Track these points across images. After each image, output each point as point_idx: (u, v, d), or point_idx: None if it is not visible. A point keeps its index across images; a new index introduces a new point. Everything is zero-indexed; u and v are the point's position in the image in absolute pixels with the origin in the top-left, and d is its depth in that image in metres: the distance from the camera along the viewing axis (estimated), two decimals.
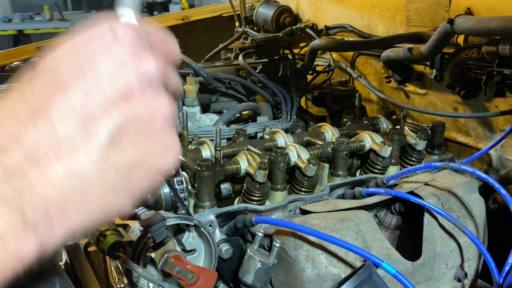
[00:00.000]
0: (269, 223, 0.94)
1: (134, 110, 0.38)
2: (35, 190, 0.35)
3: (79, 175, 0.36)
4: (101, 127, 0.36)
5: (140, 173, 0.39)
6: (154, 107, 0.39)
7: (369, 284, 0.81)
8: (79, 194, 0.36)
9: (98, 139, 0.36)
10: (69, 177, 0.36)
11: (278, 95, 1.57)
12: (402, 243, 1.13)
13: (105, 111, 0.37)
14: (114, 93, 0.37)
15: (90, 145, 0.36)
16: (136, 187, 0.40)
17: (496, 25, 1.16)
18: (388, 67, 1.77)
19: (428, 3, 1.64)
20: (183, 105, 1.42)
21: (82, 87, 0.36)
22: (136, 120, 0.38)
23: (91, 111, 0.36)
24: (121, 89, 0.37)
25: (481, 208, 1.13)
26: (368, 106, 2.03)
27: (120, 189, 0.39)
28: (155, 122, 0.39)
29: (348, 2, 2.06)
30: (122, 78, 0.37)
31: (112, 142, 0.37)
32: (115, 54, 0.38)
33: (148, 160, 0.39)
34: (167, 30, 0.47)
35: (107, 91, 0.37)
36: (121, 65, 0.38)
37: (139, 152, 0.38)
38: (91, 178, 0.37)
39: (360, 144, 1.23)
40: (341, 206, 1.02)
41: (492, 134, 1.50)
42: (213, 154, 1.16)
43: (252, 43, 1.72)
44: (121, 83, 0.37)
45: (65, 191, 0.36)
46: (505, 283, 0.92)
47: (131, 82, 0.38)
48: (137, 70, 0.38)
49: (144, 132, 0.39)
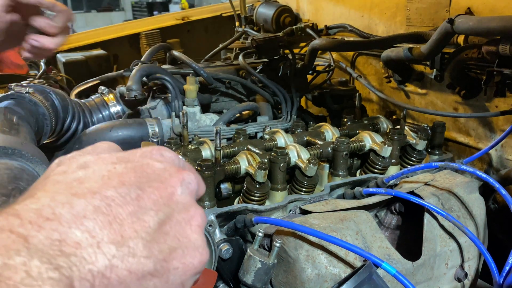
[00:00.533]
0: (269, 223, 0.94)
1: (177, 207, 0.44)
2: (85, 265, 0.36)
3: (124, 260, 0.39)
4: (150, 217, 0.41)
5: (175, 262, 0.43)
6: (194, 211, 0.46)
7: (369, 284, 0.81)
8: (126, 271, 0.38)
9: (149, 224, 0.41)
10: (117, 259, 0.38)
11: (278, 95, 1.57)
12: (402, 243, 1.13)
13: (156, 205, 0.42)
14: (163, 194, 0.43)
15: (142, 228, 0.40)
16: (170, 277, 0.42)
17: (496, 25, 1.16)
18: (388, 67, 1.77)
19: (428, 3, 1.64)
20: (183, 105, 1.42)
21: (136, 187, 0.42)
22: (177, 216, 0.44)
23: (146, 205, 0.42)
24: (168, 190, 0.44)
25: (481, 208, 1.13)
26: (368, 106, 2.03)
27: (158, 276, 0.41)
28: (192, 223, 0.45)
29: (348, 2, 2.06)
30: (168, 182, 0.44)
31: (159, 228, 0.42)
32: (163, 165, 0.46)
33: (183, 253, 0.43)
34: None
35: (157, 190, 0.43)
36: (168, 173, 0.45)
37: (177, 242, 0.43)
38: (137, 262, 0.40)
39: (360, 144, 1.23)
40: (341, 206, 1.02)
41: (492, 134, 1.50)
42: (213, 154, 1.16)
43: (252, 43, 1.72)
44: (168, 186, 0.44)
45: (114, 264, 0.37)
46: (505, 283, 0.92)
47: (175, 185, 0.45)
48: (180, 177, 0.46)
49: (182, 228, 0.44)
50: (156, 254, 0.40)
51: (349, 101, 1.80)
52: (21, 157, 0.85)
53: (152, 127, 1.33)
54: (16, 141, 0.88)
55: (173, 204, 0.44)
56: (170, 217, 0.43)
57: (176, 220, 0.43)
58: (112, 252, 0.37)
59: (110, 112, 1.50)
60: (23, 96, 1.18)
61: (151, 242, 0.40)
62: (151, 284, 0.40)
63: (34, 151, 0.90)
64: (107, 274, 0.36)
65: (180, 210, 0.44)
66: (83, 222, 0.37)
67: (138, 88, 1.39)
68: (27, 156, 0.85)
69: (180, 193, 0.45)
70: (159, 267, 0.41)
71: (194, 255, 0.44)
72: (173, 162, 0.48)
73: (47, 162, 0.93)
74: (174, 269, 0.42)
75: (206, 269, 0.85)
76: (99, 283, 0.36)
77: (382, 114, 1.59)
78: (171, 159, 0.48)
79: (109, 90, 1.54)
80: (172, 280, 0.42)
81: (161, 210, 0.42)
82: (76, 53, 2.30)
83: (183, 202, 0.45)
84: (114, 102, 1.51)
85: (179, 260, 0.43)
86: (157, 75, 1.46)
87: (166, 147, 1.18)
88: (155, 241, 0.41)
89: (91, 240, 0.36)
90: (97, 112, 1.47)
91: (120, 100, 1.52)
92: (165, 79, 1.45)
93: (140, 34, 2.46)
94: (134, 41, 2.51)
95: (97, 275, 0.36)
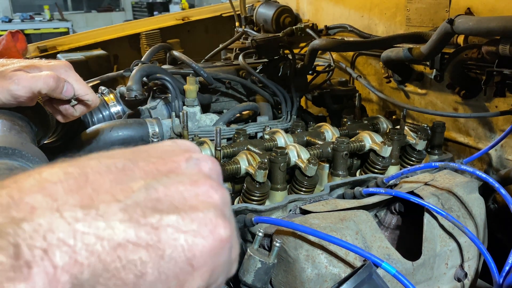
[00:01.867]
0: (269, 223, 0.94)
1: (178, 178, 0.37)
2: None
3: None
4: (136, 183, 0.36)
5: (171, 230, 0.34)
6: (204, 185, 0.38)
7: (369, 284, 0.81)
8: (94, 237, 0.32)
9: (132, 188, 0.35)
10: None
11: (278, 95, 1.57)
12: (402, 243, 1.13)
13: (148, 174, 0.37)
14: (160, 168, 0.38)
15: (122, 191, 0.34)
16: (167, 250, 0.34)
17: (496, 25, 1.16)
18: (388, 67, 1.77)
19: (428, 3, 1.64)
20: (183, 105, 1.42)
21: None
22: (179, 187, 0.37)
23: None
24: (169, 165, 0.38)
25: (481, 208, 1.13)
26: (368, 106, 2.03)
27: (145, 247, 0.34)
28: (201, 199, 0.37)
29: (348, 2, 2.06)
30: (171, 158, 0.39)
31: (147, 193, 0.35)
32: (171, 147, 0.41)
33: (184, 222, 0.35)
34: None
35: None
36: (174, 152, 0.40)
37: (175, 209, 0.35)
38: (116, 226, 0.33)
39: (360, 144, 1.23)
40: (341, 206, 1.02)
41: (492, 134, 1.50)
42: (213, 154, 1.16)
43: (252, 43, 1.72)
44: (169, 161, 0.39)
45: (77, 229, 0.31)
46: (505, 283, 0.92)
47: (179, 161, 0.39)
48: (186, 155, 0.40)
49: (184, 198, 0.36)
50: (138, 218, 0.33)
51: (349, 101, 1.80)
52: (21, 157, 0.85)
53: (152, 127, 1.33)
54: (16, 141, 0.88)
55: (174, 174, 0.37)
56: (167, 185, 0.36)
57: (176, 189, 0.36)
58: (76, 216, 0.31)
59: (110, 112, 1.50)
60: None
61: (132, 206, 0.33)
62: (135, 257, 0.32)
63: (34, 151, 0.90)
64: (69, 242, 0.30)
65: (184, 181, 0.36)
66: (46, 186, 0.32)
67: (138, 88, 1.39)
68: (27, 156, 0.85)
69: (185, 166, 0.38)
70: (144, 234, 0.32)
71: (203, 224, 0.35)
72: (186, 146, 0.42)
73: (48, 162, 0.93)
74: (171, 239, 0.33)
75: None
76: (59, 252, 0.30)
77: (382, 114, 1.59)
78: (184, 143, 0.42)
79: (109, 90, 1.54)
80: (170, 255, 0.33)
81: (154, 179, 0.36)
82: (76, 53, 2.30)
83: (188, 173, 0.38)
84: (114, 102, 1.51)
85: (178, 228, 0.34)
86: (157, 75, 1.46)
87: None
88: (138, 205, 0.34)
89: (51, 203, 0.31)
90: (97, 112, 1.48)
91: (120, 100, 1.52)
92: (165, 79, 1.45)
93: (140, 34, 2.46)
94: (134, 41, 2.51)
95: (55, 243, 0.30)
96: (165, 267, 0.33)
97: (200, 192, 0.37)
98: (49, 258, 0.30)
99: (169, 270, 0.33)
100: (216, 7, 2.82)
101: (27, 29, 10.21)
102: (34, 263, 0.29)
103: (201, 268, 0.35)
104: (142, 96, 1.40)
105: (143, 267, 0.32)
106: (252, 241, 0.95)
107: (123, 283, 0.32)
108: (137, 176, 0.35)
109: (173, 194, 0.36)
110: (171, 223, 0.34)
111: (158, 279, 0.33)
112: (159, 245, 0.33)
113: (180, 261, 0.34)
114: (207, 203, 0.36)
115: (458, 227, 1.00)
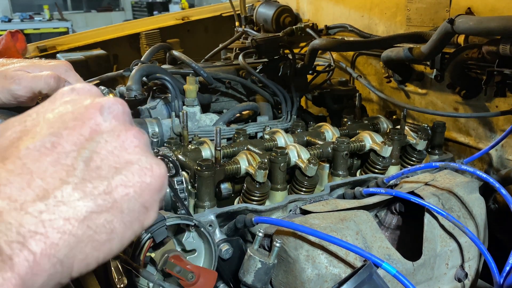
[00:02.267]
0: (269, 223, 0.94)
1: (102, 138, 0.42)
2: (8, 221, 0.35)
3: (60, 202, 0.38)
4: (72, 159, 0.40)
5: (121, 189, 0.41)
6: (124, 135, 0.43)
7: (370, 284, 0.81)
8: (61, 220, 0.37)
9: (73, 166, 0.39)
10: (49, 206, 0.37)
11: (278, 95, 1.56)
12: (402, 243, 1.13)
13: (76, 144, 0.40)
14: (82, 131, 0.41)
15: (67, 173, 0.39)
16: (124, 205, 0.41)
17: (496, 25, 1.16)
18: (388, 67, 1.77)
19: (428, 3, 1.64)
20: (183, 105, 1.42)
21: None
22: (107, 147, 0.42)
23: (63, 147, 0.40)
24: (87, 124, 0.41)
25: (481, 208, 1.13)
26: (368, 106, 2.03)
27: (106, 210, 0.40)
28: (127, 147, 0.43)
29: (348, 2, 2.06)
30: (84, 115, 0.42)
31: (87, 165, 0.40)
32: (76, 100, 0.44)
33: (126, 178, 0.41)
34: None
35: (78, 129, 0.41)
36: (83, 107, 0.43)
37: (115, 170, 0.41)
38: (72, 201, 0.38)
39: (360, 144, 1.23)
40: (341, 206, 1.02)
41: (493, 134, 1.50)
42: (213, 154, 1.16)
43: (252, 43, 1.72)
44: (86, 119, 0.42)
45: (44, 219, 0.36)
46: (505, 283, 0.92)
47: (94, 116, 0.42)
48: (97, 105, 0.43)
49: (116, 156, 0.42)
50: (91, 190, 0.39)
51: (349, 101, 1.80)
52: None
53: (152, 127, 1.33)
54: None
55: (97, 136, 0.41)
56: (97, 150, 0.41)
57: (106, 150, 0.41)
58: (38, 209, 0.36)
59: None
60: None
61: (81, 183, 0.39)
62: (101, 220, 0.39)
63: None
64: (40, 230, 0.36)
65: (108, 139, 0.42)
66: (0, 189, 0.36)
67: (138, 88, 1.39)
68: None
69: (102, 121, 0.42)
70: (102, 201, 0.39)
71: (142, 173, 0.42)
72: (88, 92, 0.45)
73: None
74: (123, 196, 0.40)
75: (206, 269, 0.85)
76: (34, 241, 0.35)
77: (382, 114, 1.59)
78: (84, 90, 0.45)
79: (109, 90, 1.54)
80: (128, 207, 0.41)
81: (84, 148, 0.40)
82: (76, 53, 2.29)
83: (109, 129, 0.42)
84: None
85: (125, 185, 0.41)
86: (157, 75, 1.46)
87: (166, 147, 1.18)
88: (86, 180, 0.39)
89: (13, 204, 0.36)
90: None
91: None
92: (165, 79, 1.45)
93: (140, 34, 2.45)
94: (134, 41, 2.51)
95: (28, 235, 0.35)
96: (127, 218, 0.41)
97: (125, 144, 0.43)
98: (26, 248, 0.35)
99: (131, 217, 0.41)
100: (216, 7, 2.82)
101: (27, 29, 10.20)
102: (14, 255, 0.34)
103: (153, 205, 0.43)
104: (141, 96, 1.40)
105: (110, 225, 0.40)
106: (252, 241, 0.95)
107: (99, 243, 0.39)
108: (68, 150, 0.40)
109: (107, 156, 0.41)
110: (118, 183, 0.40)
111: (125, 228, 0.41)
112: (116, 204, 0.40)
113: (137, 207, 0.41)
114: (135, 151, 0.43)
115: (459, 227, 1.00)
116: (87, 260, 0.39)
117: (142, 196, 0.42)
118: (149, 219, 0.43)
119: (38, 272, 0.35)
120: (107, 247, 0.40)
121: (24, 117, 0.42)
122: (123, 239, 0.41)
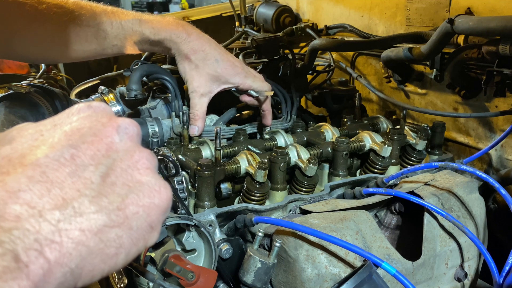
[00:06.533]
0: (269, 223, 0.94)
1: (118, 156, 0.44)
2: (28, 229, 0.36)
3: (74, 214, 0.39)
4: (90, 172, 0.41)
5: (132, 207, 0.43)
6: (138, 155, 0.45)
7: (369, 284, 0.81)
8: (77, 231, 0.38)
9: (90, 180, 0.41)
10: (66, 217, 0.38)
11: (278, 95, 1.56)
12: (402, 243, 1.13)
13: (94, 159, 0.42)
14: (99, 146, 0.43)
15: (85, 185, 0.40)
16: (133, 222, 0.43)
17: (496, 25, 1.16)
18: (388, 67, 1.77)
19: (428, 3, 1.64)
20: (183, 104, 1.42)
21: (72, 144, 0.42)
22: (121, 165, 0.44)
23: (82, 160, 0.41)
24: (104, 141, 0.43)
25: (481, 208, 1.13)
26: (368, 106, 2.03)
27: (118, 225, 0.42)
28: (139, 167, 0.45)
29: (348, 2, 2.06)
30: (102, 132, 0.44)
31: (103, 180, 0.42)
32: (93, 117, 0.45)
33: (137, 197, 0.43)
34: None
35: (95, 143, 0.43)
36: (101, 124, 0.44)
37: (128, 188, 0.43)
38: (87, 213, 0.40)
39: (360, 144, 1.23)
40: (341, 206, 1.02)
41: (492, 134, 1.50)
42: (213, 154, 1.16)
43: (252, 43, 1.72)
44: (103, 136, 0.44)
45: (61, 228, 0.37)
46: (505, 283, 0.92)
47: (111, 134, 0.44)
48: (114, 125, 0.45)
49: (129, 175, 0.44)
50: (107, 205, 0.41)
51: (349, 101, 1.80)
52: None
53: (152, 127, 1.33)
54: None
55: (113, 153, 0.43)
56: (113, 167, 0.43)
57: (121, 168, 0.43)
58: (56, 217, 0.37)
59: None
60: (23, 96, 1.18)
61: (98, 197, 0.40)
62: (112, 235, 0.41)
63: None
64: (56, 239, 0.37)
65: (123, 158, 0.44)
66: (19, 195, 0.36)
67: (138, 88, 1.39)
68: None
69: (118, 140, 0.44)
70: (115, 216, 0.41)
71: (151, 195, 0.44)
72: (104, 111, 0.47)
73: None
74: (133, 214, 0.42)
75: (206, 268, 0.85)
76: (50, 249, 0.36)
77: (382, 114, 1.59)
78: (100, 108, 0.47)
79: (109, 90, 1.54)
80: (136, 225, 0.43)
81: (101, 163, 0.42)
82: None
83: (124, 149, 0.45)
84: (114, 102, 1.51)
85: (136, 204, 0.43)
86: (157, 75, 1.46)
87: (166, 147, 1.18)
88: (102, 194, 0.41)
89: (32, 211, 0.36)
90: None
91: (120, 100, 1.52)
92: (165, 79, 1.44)
93: None
94: None
95: (45, 243, 0.36)
96: (134, 235, 0.43)
97: (138, 165, 0.45)
98: (42, 256, 0.36)
99: (138, 235, 0.43)
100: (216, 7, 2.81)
101: None
102: (30, 263, 0.35)
103: (157, 225, 0.46)
104: (142, 96, 1.40)
105: (120, 240, 0.42)
106: (252, 241, 0.95)
107: (107, 257, 0.41)
108: (86, 163, 0.41)
109: (121, 174, 0.43)
110: (130, 201, 0.43)
111: (132, 244, 0.43)
112: (127, 221, 0.42)
113: (144, 226, 0.44)
114: (146, 173, 0.45)
115: (458, 227, 1.00)
116: (94, 272, 0.40)
117: (150, 216, 0.44)
118: (153, 239, 0.46)
119: (49, 280, 0.36)
120: (113, 260, 0.42)
121: (39, 126, 0.43)
122: (128, 254, 0.43)
